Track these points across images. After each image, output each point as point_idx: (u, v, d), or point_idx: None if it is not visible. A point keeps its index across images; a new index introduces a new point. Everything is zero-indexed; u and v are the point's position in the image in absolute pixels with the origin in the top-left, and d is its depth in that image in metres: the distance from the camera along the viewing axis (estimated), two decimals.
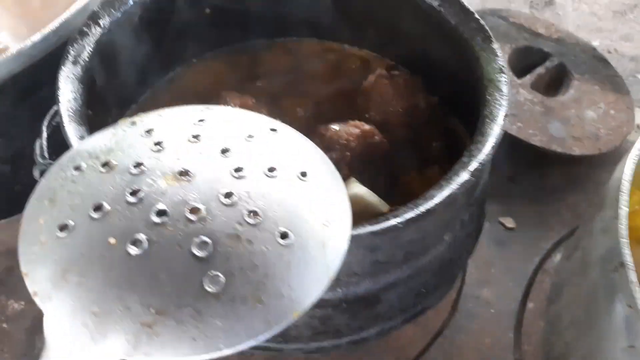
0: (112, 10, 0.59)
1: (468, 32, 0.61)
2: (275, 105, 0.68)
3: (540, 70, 0.97)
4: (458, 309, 0.75)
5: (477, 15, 0.61)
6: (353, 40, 0.78)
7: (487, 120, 0.52)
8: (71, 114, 0.49)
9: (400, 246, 0.50)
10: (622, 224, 0.48)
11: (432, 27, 0.65)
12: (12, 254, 0.75)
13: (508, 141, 0.85)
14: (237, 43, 0.76)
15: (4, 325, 0.72)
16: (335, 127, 0.63)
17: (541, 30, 1.04)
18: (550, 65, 0.98)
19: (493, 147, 0.50)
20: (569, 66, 0.99)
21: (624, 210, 0.49)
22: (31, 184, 0.74)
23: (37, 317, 0.72)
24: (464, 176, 0.48)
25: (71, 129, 0.48)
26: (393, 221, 0.45)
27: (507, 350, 0.71)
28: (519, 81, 0.94)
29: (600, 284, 0.50)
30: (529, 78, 0.96)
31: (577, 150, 0.87)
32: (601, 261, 0.51)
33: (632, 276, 0.45)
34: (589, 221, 0.59)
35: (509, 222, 0.85)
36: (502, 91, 0.54)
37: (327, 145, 0.62)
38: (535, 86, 0.95)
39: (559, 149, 0.87)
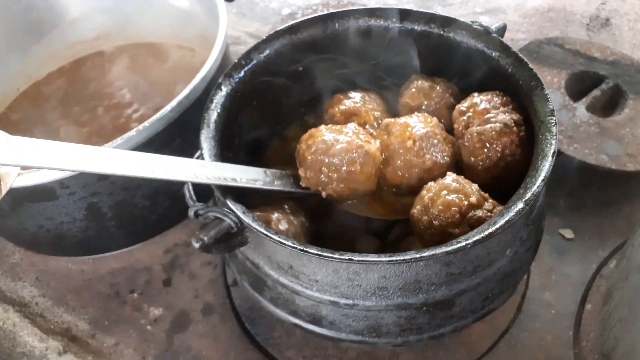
0: (230, 79, 0.75)
1: (523, 79, 0.72)
2: None
3: (595, 92, 1.05)
4: (523, 311, 0.86)
5: (530, 65, 0.72)
6: None
7: (540, 157, 0.64)
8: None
9: (469, 261, 0.63)
10: None
11: (493, 72, 0.77)
12: (149, 270, 0.92)
13: (566, 161, 0.95)
14: None
15: (148, 327, 0.87)
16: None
17: (596, 54, 1.12)
18: (606, 87, 1.06)
19: (543, 180, 0.61)
20: (624, 87, 1.06)
21: None
22: (164, 214, 0.91)
23: (172, 321, 0.88)
24: (519, 205, 0.59)
25: None
26: (463, 243, 0.57)
27: (567, 346, 0.81)
28: (575, 104, 1.03)
29: (638, 287, 0.61)
30: (584, 101, 1.04)
31: (631, 167, 0.94)
32: (639, 268, 0.62)
33: None
34: (634, 234, 0.70)
35: (568, 234, 0.94)
36: (552, 132, 0.65)
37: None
38: (591, 108, 1.03)
39: (613, 166, 0.94)
